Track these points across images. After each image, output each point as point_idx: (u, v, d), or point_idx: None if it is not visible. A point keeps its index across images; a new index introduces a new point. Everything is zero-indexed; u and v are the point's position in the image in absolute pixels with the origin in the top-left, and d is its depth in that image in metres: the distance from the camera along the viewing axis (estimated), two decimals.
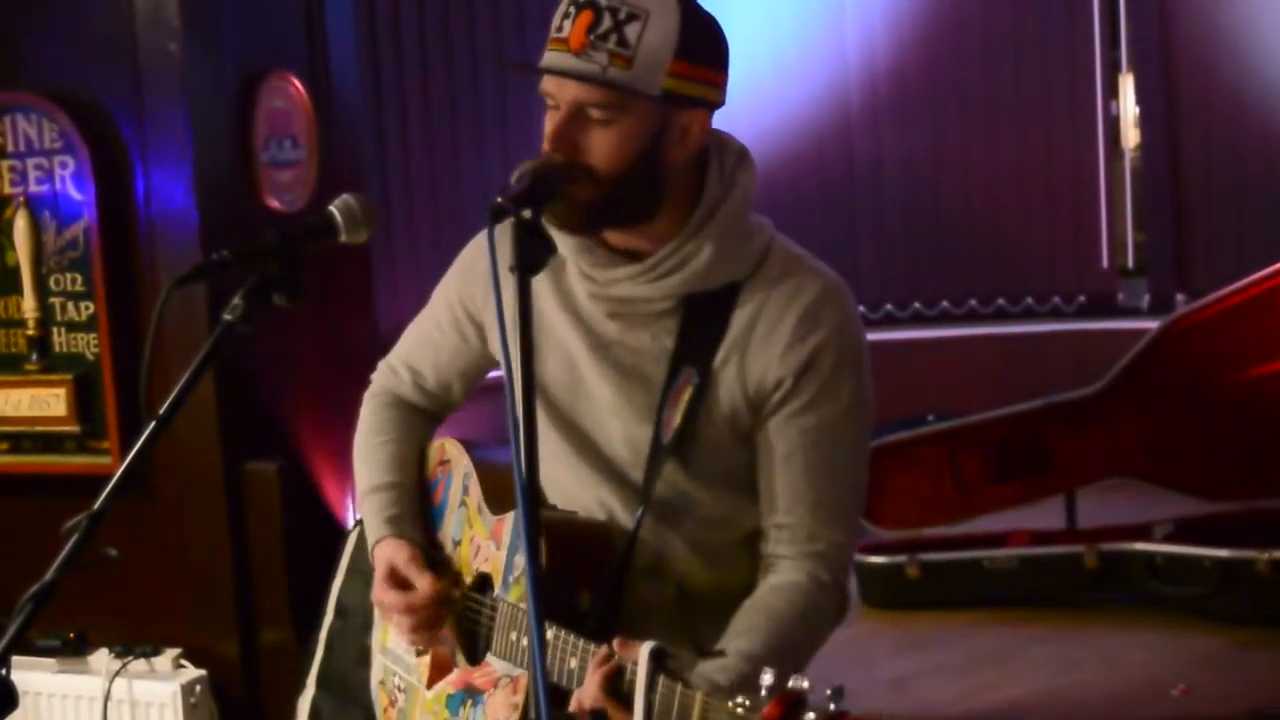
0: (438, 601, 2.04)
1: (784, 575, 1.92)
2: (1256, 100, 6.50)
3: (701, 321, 1.94)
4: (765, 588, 1.93)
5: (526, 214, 1.76)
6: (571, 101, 1.86)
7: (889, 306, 6.99)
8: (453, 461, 2.18)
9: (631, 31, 1.83)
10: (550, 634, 1.80)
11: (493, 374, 2.20)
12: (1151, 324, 5.22)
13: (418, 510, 2.18)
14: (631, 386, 1.97)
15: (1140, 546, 4.77)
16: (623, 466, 1.99)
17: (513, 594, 1.97)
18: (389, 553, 2.09)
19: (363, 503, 2.19)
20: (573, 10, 1.86)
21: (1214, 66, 6.58)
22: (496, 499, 2.06)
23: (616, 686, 1.71)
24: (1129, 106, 6.96)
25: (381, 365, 2.31)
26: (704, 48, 1.89)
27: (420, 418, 2.28)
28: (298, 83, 3.98)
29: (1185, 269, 6.74)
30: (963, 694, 4.12)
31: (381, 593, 2.07)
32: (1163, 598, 4.67)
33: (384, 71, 5.81)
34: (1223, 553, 4.59)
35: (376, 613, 2.23)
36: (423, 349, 2.24)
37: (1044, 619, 4.69)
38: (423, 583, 2.04)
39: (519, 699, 1.90)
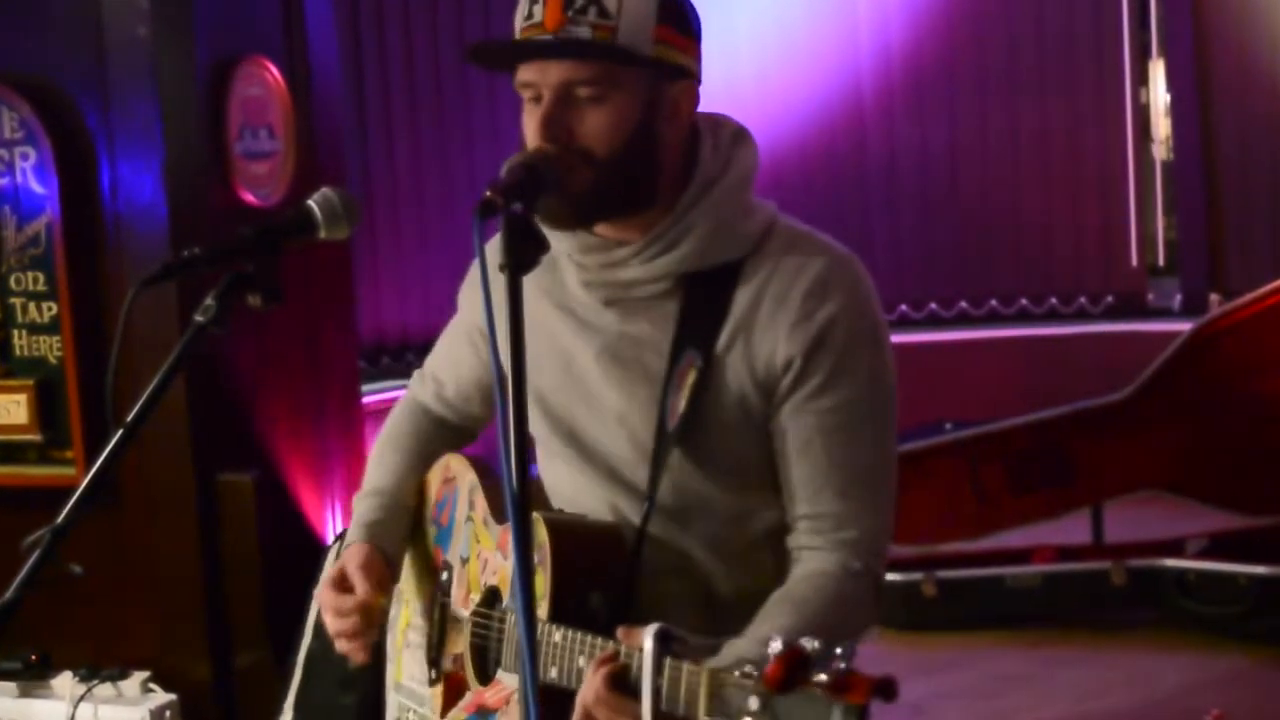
0: (359, 610, 2.06)
1: (812, 564, 1.93)
2: None
3: (702, 303, 1.93)
4: (792, 579, 1.94)
5: (517, 208, 1.76)
6: (557, 84, 1.87)
7: (904, 308, 6.99)
8: (457, 478, 2.20)
9: (610, 2, 1.85)
10: (559, 636, 1.83)
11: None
12: (1183, 326, 5.24)
13: (407, 525, 2.20)
14: (635, 384, 1.98)
15: (1171, 563, 4.77)
16: (626, 466, 2.00)
17: None
18: (350, 555, 2.13)
19: (355, 504, 2.23)
20: None
21: (1249, 51, 6.59)
22: (502, 509, 2.06)
23: (623, 679, 1.73)
24: (1159, 94, 6.97)
25: (417, 370, 2.34)
26: (680, 15, 1.91)
27: (443, 430, 2.30)
28: (274, 69, 3.98)
29: (1219, 267, 6.75)
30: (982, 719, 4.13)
31: (321, 590, 2.12)
32: (1195, 617, 4.68)
33: (366, 57, 5.81)
34: (1259, 569, 4.60)
35: (390, 648, 2.25)
36: (445, 359, 2.27)
37: (1069, 640, 4.69)
38: (360, 589, 2.07)
39: None
